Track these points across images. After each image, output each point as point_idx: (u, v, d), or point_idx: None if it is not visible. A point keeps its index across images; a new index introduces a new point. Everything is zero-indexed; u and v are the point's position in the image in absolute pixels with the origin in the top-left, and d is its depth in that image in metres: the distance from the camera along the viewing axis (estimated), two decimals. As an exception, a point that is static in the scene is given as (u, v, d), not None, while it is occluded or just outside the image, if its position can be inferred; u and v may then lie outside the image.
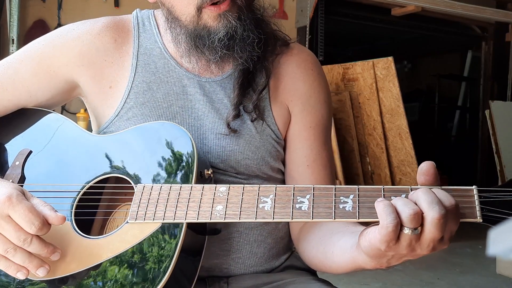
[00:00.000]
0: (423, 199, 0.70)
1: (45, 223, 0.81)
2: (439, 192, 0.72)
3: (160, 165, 0.91)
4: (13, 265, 0.83)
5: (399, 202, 0.70)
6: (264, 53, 1.04)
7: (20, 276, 0.83)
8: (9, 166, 0.99)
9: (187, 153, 0.90)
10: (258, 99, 1.03)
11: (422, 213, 0.69)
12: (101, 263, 0.84)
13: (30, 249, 0.82)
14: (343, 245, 0.86)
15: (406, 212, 0.69)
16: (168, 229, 0.83)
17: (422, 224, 0.69)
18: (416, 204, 0.70)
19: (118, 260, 0.83)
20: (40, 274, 0.83)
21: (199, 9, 0.96)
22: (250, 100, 1.03)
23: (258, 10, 1.06)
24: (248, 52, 0.99)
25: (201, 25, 0.97)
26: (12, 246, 0.81)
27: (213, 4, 0.94)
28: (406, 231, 0.69)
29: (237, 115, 1.02)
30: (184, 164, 0.90)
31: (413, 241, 0.70)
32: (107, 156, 0.97)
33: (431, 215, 0.68)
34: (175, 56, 1.06)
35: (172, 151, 0.92)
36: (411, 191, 0.74)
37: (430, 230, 0.69)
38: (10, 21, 3.76)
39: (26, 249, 0.82)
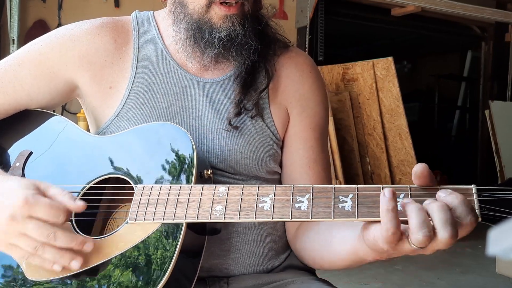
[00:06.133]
0: (438, 218, 0.67)
1: (68, 213, 0.82)
2: (462, 205, 0.69)
3: (160, 165, 0.92)
4: (46, 260, 0.83)
5: (413, 216, 0.68)
6: (266, 54, 1.06)
7: (57, 268, 0.83)
8: (10, 167, 1.00)
9: (187, 153, 0.90)
10: (259, 98, 1.04)
11: (434, 234, 0.67)
12: (101, 263, 0.84)
13: (58, 244, 0.81)
14: (344, 236, 0.86)
15: (417, 235, 0.67)
16: (168, 229, 0.83)
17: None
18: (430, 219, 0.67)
19: (118, 260, 0.84)
20: (73, 267, 0.82)
21: (209, 3, 0.97)
22: (251, 98, 1.04)
23: (263, 17, 1.07)
24: (243, 56, 1.01)
25: (206, 19, 0.98)
26: (39, 244, 0.81)
27: (224, 3, 0.96)
28: (413, 246, 0.69)
29: (238, 113, 1.02)
30: (184, 164, 0.90)
31: (418, 250, 0.70)
32: (107, 157, 0.97)
33: (443, 235, 0.66)
34: (176, 57, 1.06)
35: (172, 151, 0.92)
36: (410, 190, 0.74)
37: (438, 245, 0.68)
38: (10, 21, 3.76)
39: (53, 244, 0.81)
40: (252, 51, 1.01)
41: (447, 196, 0.70)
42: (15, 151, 1.02)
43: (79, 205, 0.83)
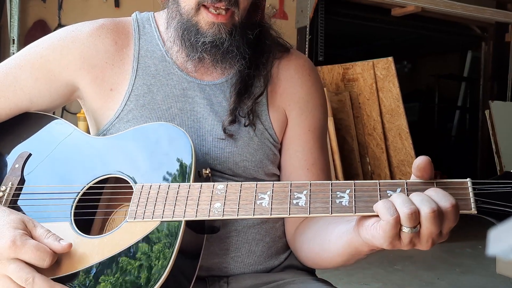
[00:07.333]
0: (415, 199, 0.72)
1: (54, 255, 0.82)
2: (438, 192, 0.72)
3: (158, 164, 0.92)
4: None
5: (398, 201, 0.72)
6: (265, 60, 1.06)
7: None
8: (10, 169, 1.00)
9: (185, 153, 0.91)
10: (253, 105, 1.05)
11: (419, 211, 0.70)
12: (100, 262, 0.84)
13: None
14: (340, 231, 0.87)
15: (403, 211, 0.70)
16: (167, 227, 0.84)
17: (420, 222, 0.71)
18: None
19: (117, 258, 0.84)
20: None
21: (198, 5, 0.97)
22: (245, 106, 1.04)
23: (264, 25, 1.08)
24: (228, 64, 1.01)
25: (194, 21, 0.99)
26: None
27: (214, 5, 0.96)
28: (406, 230, 0.71)
29: (232, 121, 1.03)
30: (183, 163, 0.90)
31: (413, 239, 0.72)
32: (106, 157, 0.97)
33: (424, 210, 0.70)
34: (176, 59, 1.06)
35: (171, 151, 0.92)
36: (406, 185, 0.75)
37: (427, 226, 0.71)
38: (10, 21, 3.76)
39: None
40: (238, 59, 1.01)
41: (428, 191, 0.74)
42: (14, 153, 1.02)
43: (64, 247, 0.83)
